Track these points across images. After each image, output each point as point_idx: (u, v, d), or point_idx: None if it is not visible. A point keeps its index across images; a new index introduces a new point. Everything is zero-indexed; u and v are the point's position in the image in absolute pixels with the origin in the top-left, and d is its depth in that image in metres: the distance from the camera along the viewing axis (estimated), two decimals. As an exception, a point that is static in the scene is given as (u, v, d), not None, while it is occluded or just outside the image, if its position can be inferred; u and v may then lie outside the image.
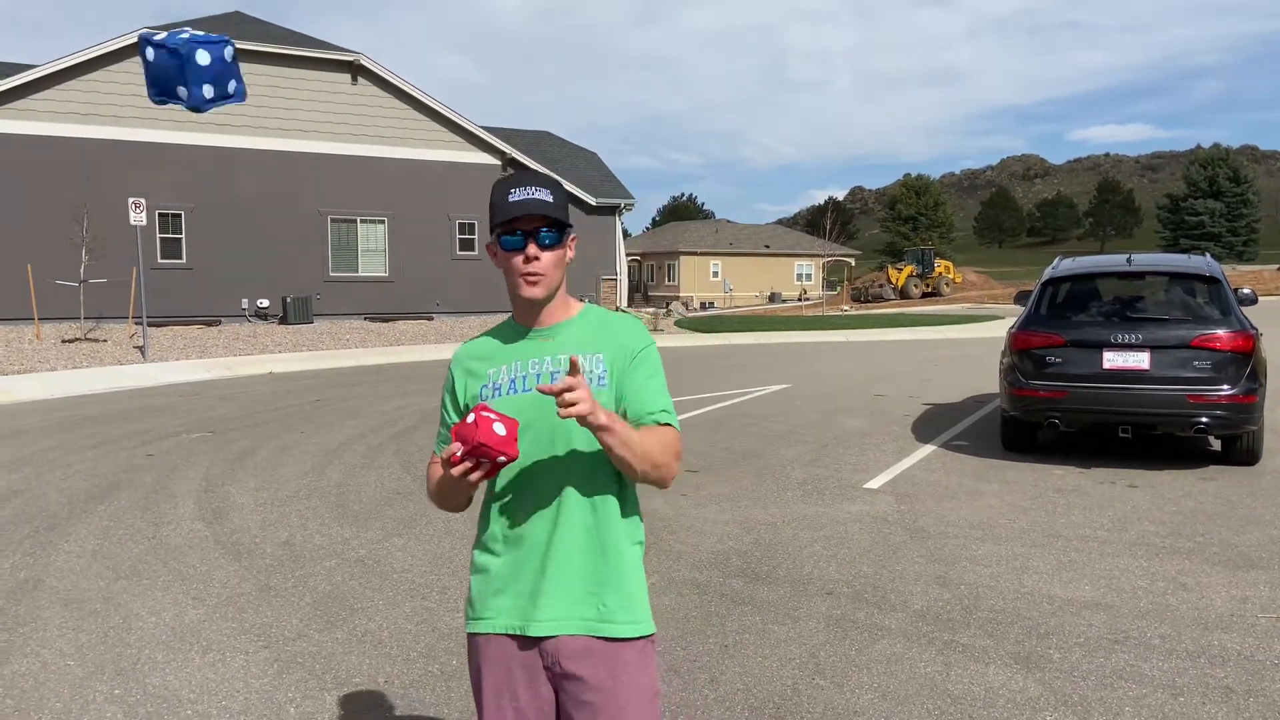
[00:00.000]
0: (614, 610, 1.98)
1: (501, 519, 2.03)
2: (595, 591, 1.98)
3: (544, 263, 1.98)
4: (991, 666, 4.08)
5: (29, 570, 5.57)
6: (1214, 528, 6.18)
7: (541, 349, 2.03)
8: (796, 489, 7.46)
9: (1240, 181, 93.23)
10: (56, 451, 9.19)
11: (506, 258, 2.00)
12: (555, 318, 2.06)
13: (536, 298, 2.00)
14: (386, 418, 11.16)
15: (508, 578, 2.00)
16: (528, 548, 1.98)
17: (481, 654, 2.04)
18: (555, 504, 1.98)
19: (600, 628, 1.97)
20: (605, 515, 2.00)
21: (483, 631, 2.03)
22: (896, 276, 49.97)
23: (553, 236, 1.99)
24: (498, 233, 2.00)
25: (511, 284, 2.02)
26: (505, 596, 2.00)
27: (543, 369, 2.01)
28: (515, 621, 1.99)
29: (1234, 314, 7.81)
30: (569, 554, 1.97)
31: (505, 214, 1.97)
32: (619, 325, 2.07)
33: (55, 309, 21.15)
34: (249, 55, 24.10)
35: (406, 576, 5.40)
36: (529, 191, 1.98)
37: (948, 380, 14.40)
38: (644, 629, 2.02)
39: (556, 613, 1.96)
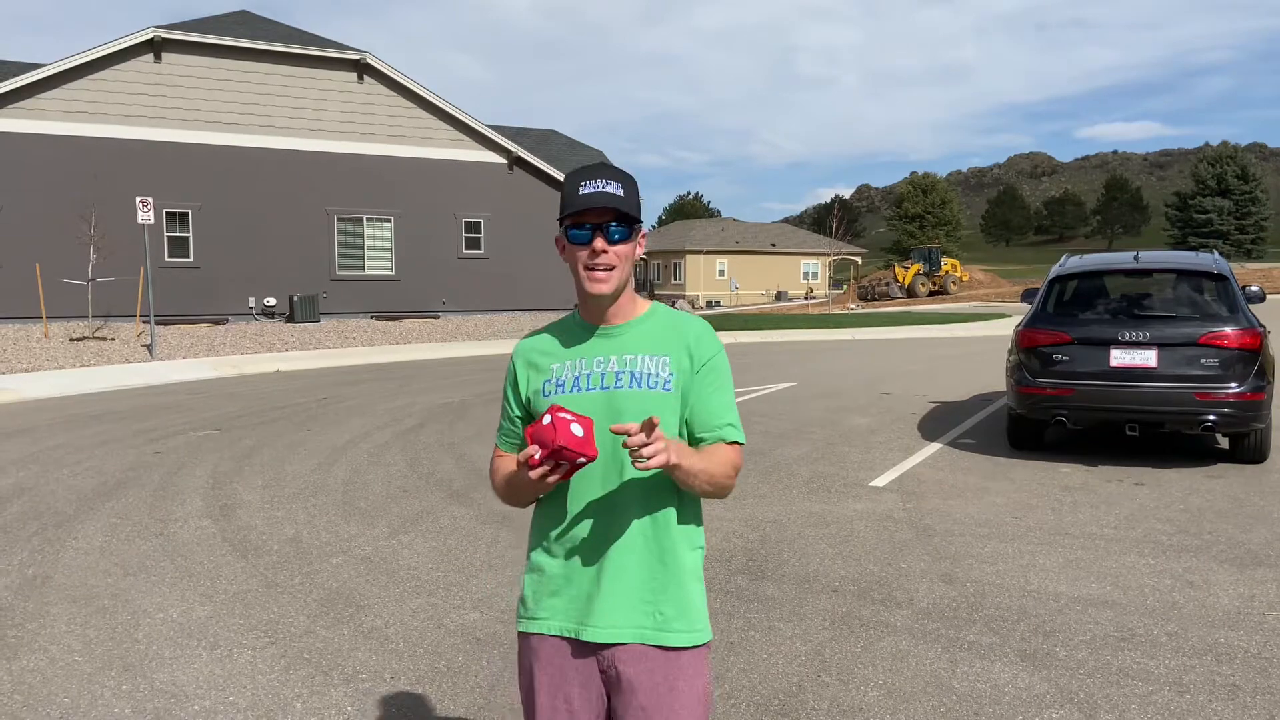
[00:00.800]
0: (671, 619, 1.94)
1: (559, 520, 1.98)
2: (651, 599, 1.93)
3: (611, 257, 1.92)
4: (997, 664, 4.08)
5: (37, 567, 5.59)
6: (1221, 525, 6.16)
7: (607, 347, 1.98)
8: (802, 486, 7.46)
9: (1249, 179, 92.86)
10: (64, 449, 9.23)
11: (573, 251, 1.94)
12: (622, 316, 2.00)
13: (603, 294, 1.94)
14: (393, 416, 11.18)
15: (563, 580, 1.97)
16: (585, 551, 1.94)
17: (535, 654, 2.00)
18: (613, 508, 1.94)
19: (657, 636, 1.93)
20: (664, 521, 1.96)
21: (536, 631, 2.00)
22: (903, 275, 49.87)
23: (622, 231, 1.93)
24: (565, 225, 1.95)
25: (577, 278, 1.96)
26: (560, 598, 1.97)
27: (607, 368, 1.96)
28: (570, 624, 1.96)
29: (1242, 311, 7.79)
30: (626, 559, 1.93)
31: (574, 206, 1.92)
32: (688, 328, 2.01)
33: (63, 308, 21.23)
34: (256, 55, 24.20)
35: (413, 573, 5.41)
36: (600, 184, 1.92)
37: (954, 378, 14.37)
38: (700, 637, 1.97)
39: (613, 619, 1.92)
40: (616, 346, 1.98)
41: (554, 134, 35.28)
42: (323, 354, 18.81)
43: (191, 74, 23.53)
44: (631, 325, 2.00)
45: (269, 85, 24.50)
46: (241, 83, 24.11)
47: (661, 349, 1.98)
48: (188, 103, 23.52)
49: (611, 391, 1.94)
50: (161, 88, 23.25)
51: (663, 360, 1.96)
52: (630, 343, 1.97)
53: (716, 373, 2.00)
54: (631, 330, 2.00)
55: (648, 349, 1.97)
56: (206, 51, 23.60)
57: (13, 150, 21.77)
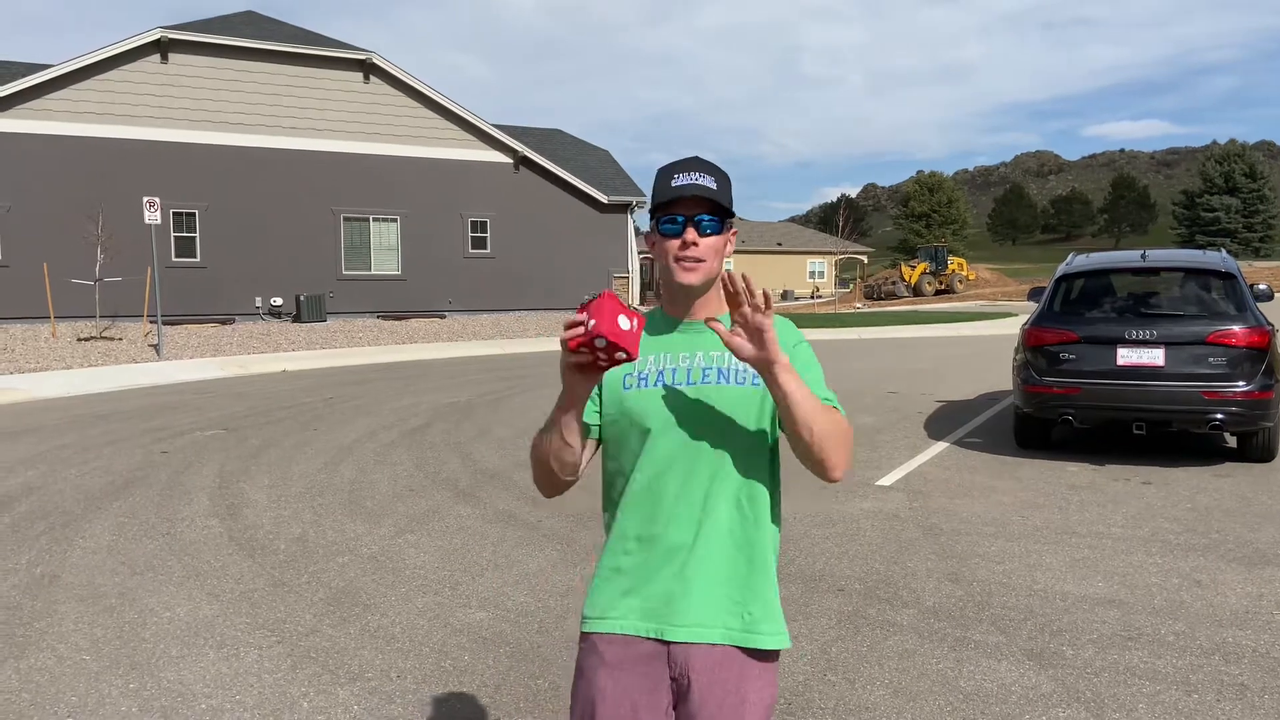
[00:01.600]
0: (759, 620, 1.88)
1: (637, 518, 1.90)
2: (740, 600, 1.87)
3: (702, 249, 1.88)
4: (1004, 663, 4.07)
5: (45, 566, 5.61)
6: (1229, 524, 6.14)
7: (693, 343, 1.93)
8: (809, 485, 7.45)
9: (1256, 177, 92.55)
10: (72, 449, 9.26)
11: (663, 243, 1.91)
12: (708, 312, 1.95)
13: (692, 284, 1.90)
14: (399, 415, 11.19)
15: (640, 579, 1.89)
16: (665, 549, 1.87)
17: (600, 654, 1.90)
18: (700, 504, 1.87)
19: (745, 638, 1.86)
20: (752, 519, 1.90)
21: (607, 631, 1.90)
22: (910, 274, 49.78)
23: (714, 224, 1.89)
24: (657, 218, 1.91)
25: (666, 270, 1.92)
26: (635, 597, 1.89)
27: (694, 363, 1.91)
28: (648, 624, 1.87)
29: (1250, 310, 7.76)
30: (713, 559, 1.86)
31: (666, 196, 1.89)
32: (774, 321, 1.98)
33: (71, 307, 21.29)
34: (262, 55, 24.25)
35: (419, 572, 5.42)
36: (692, 176, 1.89)
37: (961, 377, 14.35)
38: (785, 640, 1.91)
39: (698, 618, 1.85)
40: (703, 342, 1.93)
41: (559, 133, 35.28)
42: (329, 353, 18.84)
43: (198, 74, 23.58)
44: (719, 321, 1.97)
45: (275, 85, 24.54)
46: (248, 83, 24.15)
47: None
48: (194, 103, 23.57)
49: (699, 386, 1.89)
50: (168, 88, 23.30)
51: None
52: (716, 339, 1.90)
53: (804, 356, 1.94)
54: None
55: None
56: (213, 52, 23.65)
57: (20, 150, 21.83)
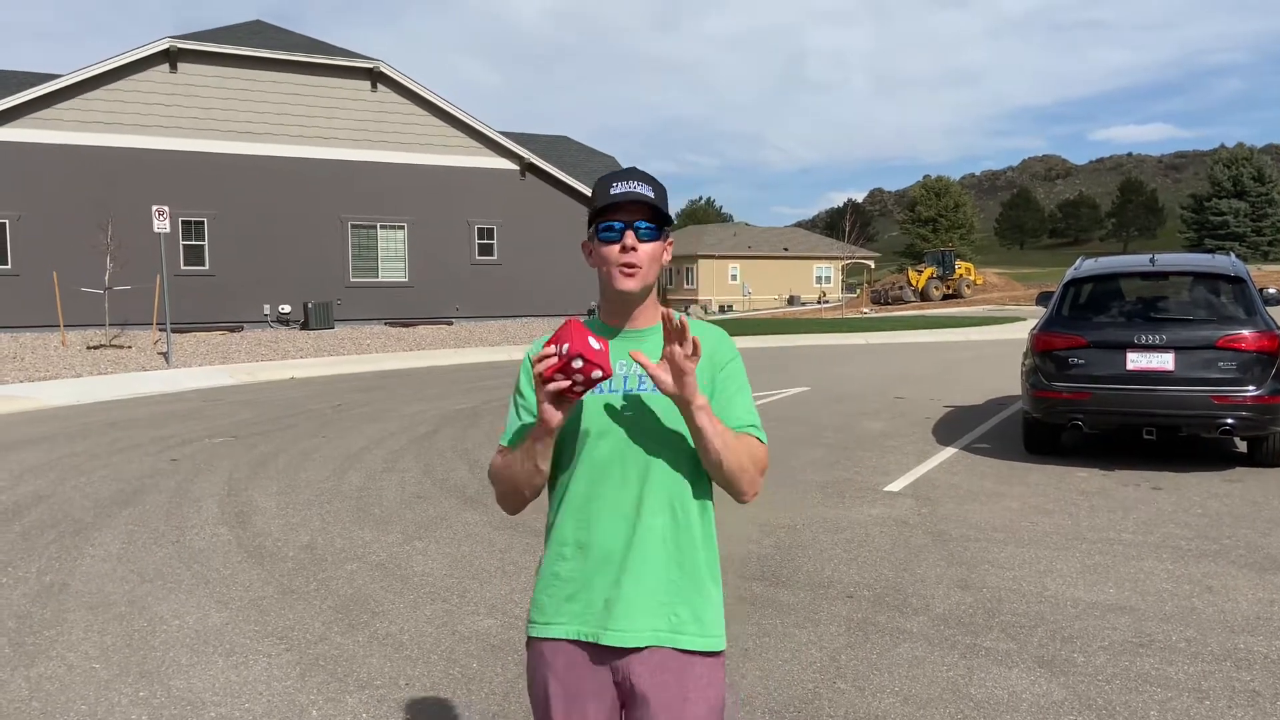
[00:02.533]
0: (686, 622, 1.92)
1: (576, 523, 1.95)
2: (668, 602, 1.92)
3: (641, 255, 1.93)
4: (1015, 670, 4.05)
5: (55, 574, 5.63)
6: (1240, 530, 6.11)
7: (630, 350, 1.97)
8: (817, 492, 7.43)
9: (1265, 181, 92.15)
10: (81, 457, 9.29)
11: (602, 250, 1.95)
12: (647, 320, 2.01)
13: (631, 290, 1.94)
14: (407, 422, 11.21)
15: (580, 584, 1.94)
16: (602, 554, 1.92)
17: (548, 661, 1.96)
18: (635, 510, 1.92)
19: (671, 639, 1.91)
20: (685, 524, 1.94)
21: (551, 637, 1.96)
22: (917, 278, 49.73)
23: (651, 230, 1.94)
24: (595, 225, 1.96)
25: (605, 277, 1.96)
26: (576, 603, 1.94)
27: (631, 370, 1.95)
28: (587, 629, 1.93)
29: (1259, 314, 7.73)
30: (646, 564, 1.91)
31: (604, 202, 1.94)
32: (708, 334, 2.01)
33: (80, 316, 21.38)
34: (270, 64, 24.35)
35: (427, 580, 5.42)
36: (630, 185, 1.94)
37: (969, 382, 14.31)
38: (714, 644, 1.95)
39: (632, 623, 1.90)
40: (640, 349, 1.96)
41: (566, 140, 35.34)
42: (337, 360, 18.88)
43: (207, 83, 23.70)
44: (655, 330, 2.00)
45: (283, 94, 24.64)
46: (256, 92, 24.25)
47: None
48: (203, 112, 23.68)
49: (635, 393, 1.93)
50: (177, 97, 23.42)
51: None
52: (653, 347, 1.96)
53: (736, 377, 2.00)
54: (655, 334, 1.99)
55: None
56: (221, 61, 23.77)
57: (30, 160, 21.95)
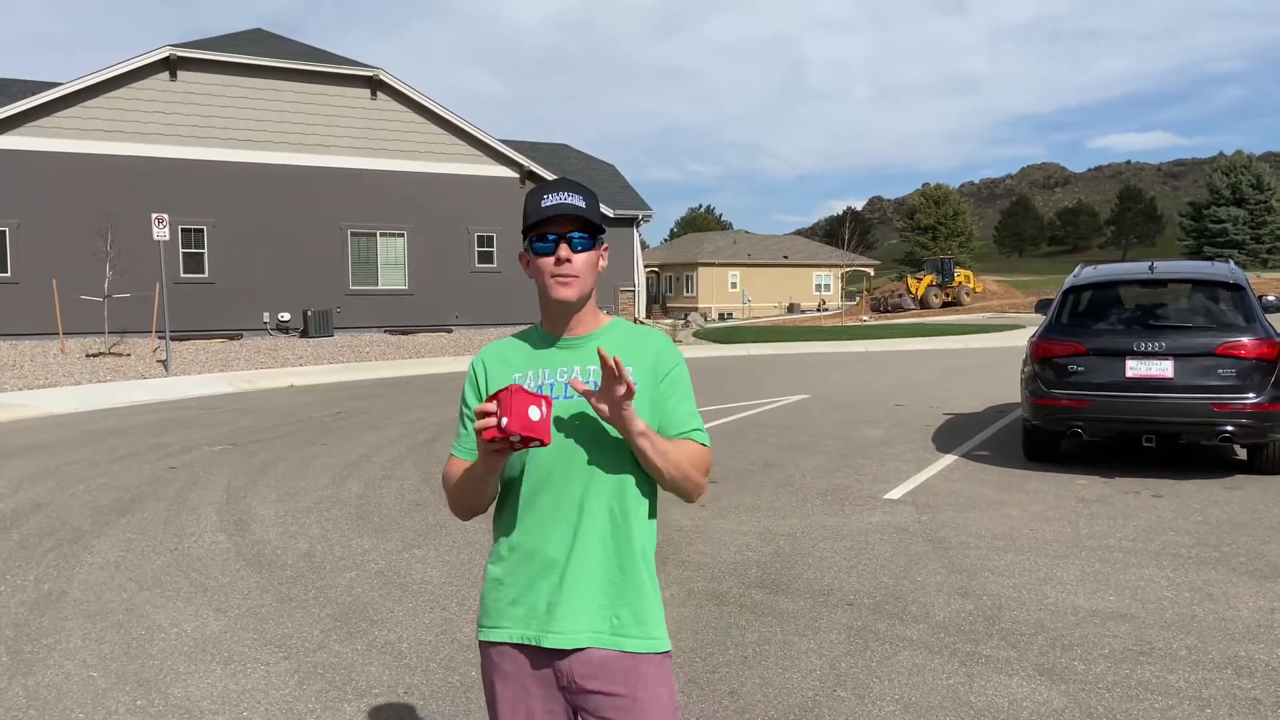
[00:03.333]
0: (627, 624, 1.95)
1: (519, 528, 1.98)
2: (610, 605, 1.94)
3: (576, 265, 1.96)
4: (1015, 678, 4.04)
5: (53, 582, 5.62)
6: (1240, 537, 6.11)
7: (569, 358, 2.01)
8: (816, 499, 7.43)
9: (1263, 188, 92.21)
10: (80, 464, 9.28)
11: (538, 262, 1.99)
12: (585, 327, 2.04)
13: (568, 299, 1.98)
14: (406, 429, 11.20)
15: (523, 588, 1.97)
16: (545, 558, 1.95)
17: (495, 664, 2.01)
18: (576, 514, 1.94)
19: (614, 641, 1.94)
20: (625, 528, 1.97)
21: (496, 640, 2.00)
22: (916, 286, 49.71)
23: (585, 240, 1.98)
24: (530, 238, 1.99)
25: (542, 288, 1.99)
26: (520, 607, 1.97)
27: (571, 377, 1.98)
28: (530, 632, 1.95)
29: (1259, 321, 7.73)
30: (587, 566, 1.94)
31: (537, 218, 1.96)
32: (649, 341, 2.05)
33: (80, 324, 21.38)
34: (271, 72, 24.40)
35: (426, 588, 5.41)
36: (561, 196, 1.97)
37: (969, 390, 14.31)
38: (658, 645, 1.98)
39: (572, 625, 1.93)
40: (580, 357, 2.01)
41: (566, 148, 35.41)
42: (336, 368, 18.88)
43: (207, 91, 23.74)
44: (594, 336, 2.03)
45: (283, 102, 24.69)
46: (256, 100, 24.30)
47: (624, 361, 1.97)
48: (203, 120, 23.72)
49: (574, 400, 1.96)
50: (177, 105, 23.46)
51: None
52: (592, 354, 1.99)
53: (679, 383, 2.03)
54: (593, 341, 2.02)
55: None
56: (222, 69, 23.81)
57: (30, 168, 21.98)
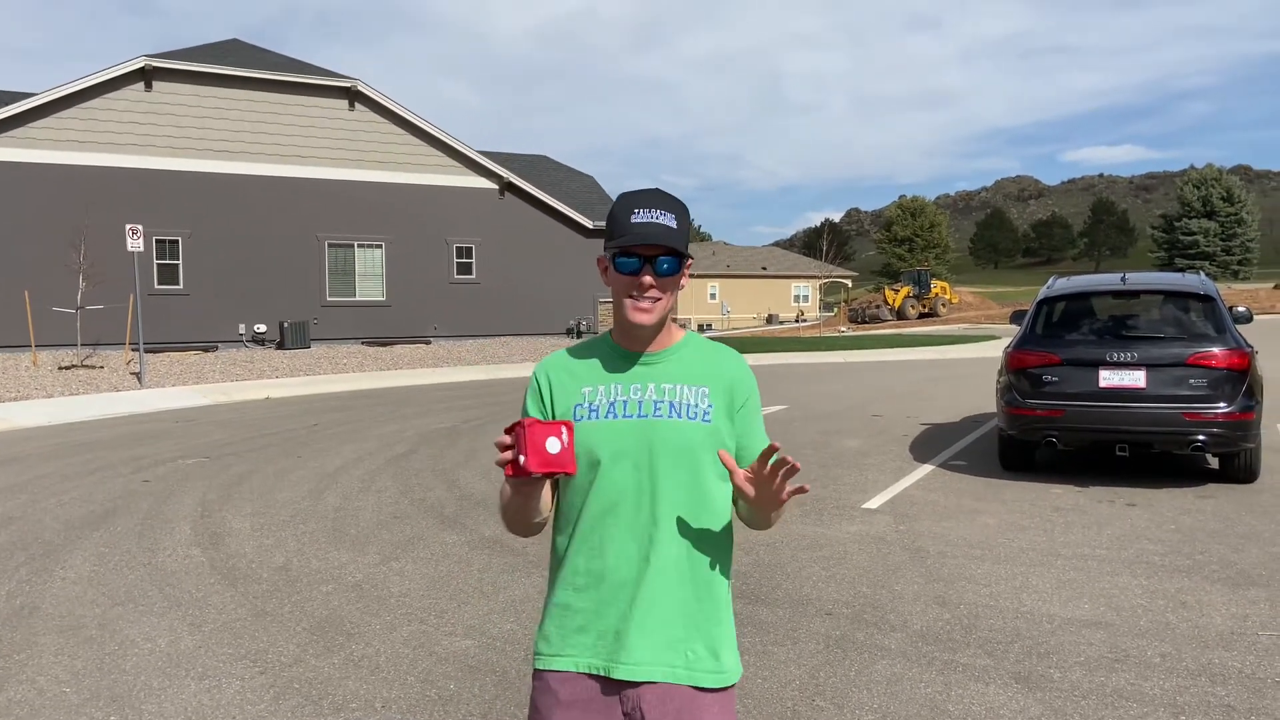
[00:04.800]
0: (703, 658, 1.87)
1: (587, 552, 1.90)
2: (685, 637, 1.87)
3: (658, 289, 1.88)
4: (992, 686, 4.07)
5: (25, 597, 5.54)
6: (1213, 545, 6.17)
7: (644, 374, 1.93)
8: (795, 509, 7.45)
9: (1234, 201, 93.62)
10: (52, 478, 9.16)
11: (619, 279, 1.89)
12: (660, 344, 1.95)
13: (646, 324, 1.89)
14: (384, 441, 11.14)
15: (591, 614, 1.88)
16: (615, 584, 1.87)
17: (554, 693, 1.89)
18: (649, 539, 1.86)
19: (688, 677, 1.86)
20: (701, 553, 1.90)
21: (559, 669, 1.89)
22: (893, 297, 50.02)
23: (672, 264, 1.88)
24: (613, 251, 1.88)
25: (619, 305, 1.91)
26: (588, 634, 1.88)
27: (645, 396, 1.90)
28: (598, 661, 1.87)
29: (1229, 331, 7.83)
30: (660, 594, 1.86)
31: (625, 236, 1.86)
32: (726, 361, 1.98)
33: (52, 336, 21.15)
34: (247, 82, 24.29)
35: (404, 601, 5.38)
36: (654, 215, 1.87)
37: (945, 400, 14.40)
38: (731, 678, 1.91)
39: (645, 656, 1.84)
40: (654, 375, 1.93)
41: (545, 159, 35.42)
42: (313, 380, 18.75)
43: (182, 102, 23.60)
44: (669, 353, 1.96)
45: (260, 113, 24.57)
46: (232, 110, 24.17)
47: (700, 379, 1.94)
48: (178, 130, 23.57)
49: (650, 420, 1.89)
50: (152, 115, 23.30)
51: (702, 391, 1.92)
52: (668, 371, 1.93)
53: (757, 411, 2.00)
54: (669, 358, 1.95)
55: (686, 379, 1.93)
56: (197, 80, 23.68)
57: (2, 179, 21.74)
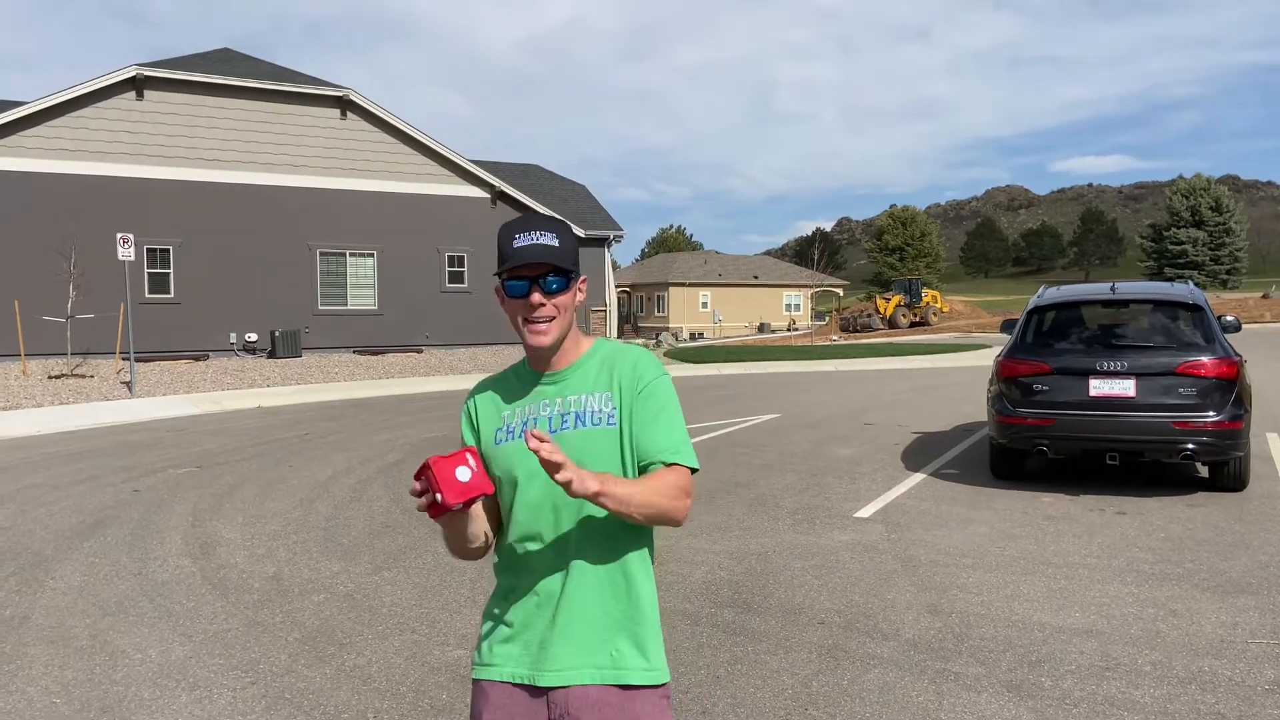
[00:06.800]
0: (627, 656, 1.90)
1: (514, 564, 1.97)
2: (608, 638, 1.90)
3: (550, 309, 1.92)
4: (984, 695, 4.08)
5: (15, 607, 5.51)
6: (1203, 554, 6.20)
7: (552, 391, 1.98)
8: (787, 518, 7.45)
9: (1223, 210, 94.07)
10: (42, 488, 9.12)
11: (511, 303, 1.95)
12: (565, 360, 2.00)
13: (543, 345, 1.94)
14: (375, 450, 11.11)
15: (518, 625, 1.94)
16: (540, 594, 1.92)
17: (485, 702, 1.96)
18: (569, 548, 1.91)
19: (615, 675, 1.89)
20: (621, 555, 1.93)
21: (491, 679, 1.96)
22: (884, 306, 50.17)
23: (559, 282, 1.92)
24: (503, 278, 1.94)
25: (518, 330, 1.96)
26: (514, 644, 1.94)
27: (553, 411, 1.96)
28: (523, 670, 1.92)
29: (1218, 340, 7.87)
30: (582, 599, 1.90)
31: (509, 260, 1.91)
32: (626, 359, 1.99)
33: (42, 345, 21.06)
34: (238, 91, 24.27)
35: (395, 610, 5.37)
36: (534, 236, 1.91)
37: (936, 409, 14.43)
38: (659, 677, 1.93)
39: (567, 662, 1.89)
40: (561, 390, 1.98)
41: (537, 168, 35.46)
42: (304, 389, 18.71)
43: (174, 111, 23.57)
44: (575, 367, 2.00)
45: (251, 122, 24.55)
46: (224, 119, 24.16)
47: (604, 385, 1.97)
48: (169, 139, 23.53)
49: (559, 433, 1.93)
50: (143, 124, 23.26)
51: (605, 396, 1.95)
52: (574, 384, 1.97)
53: (655, 397, 1.95)
54: (575, 372, 2.00)
55: (591, 388, 1.97)
56: (189, 89, 23.66)
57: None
